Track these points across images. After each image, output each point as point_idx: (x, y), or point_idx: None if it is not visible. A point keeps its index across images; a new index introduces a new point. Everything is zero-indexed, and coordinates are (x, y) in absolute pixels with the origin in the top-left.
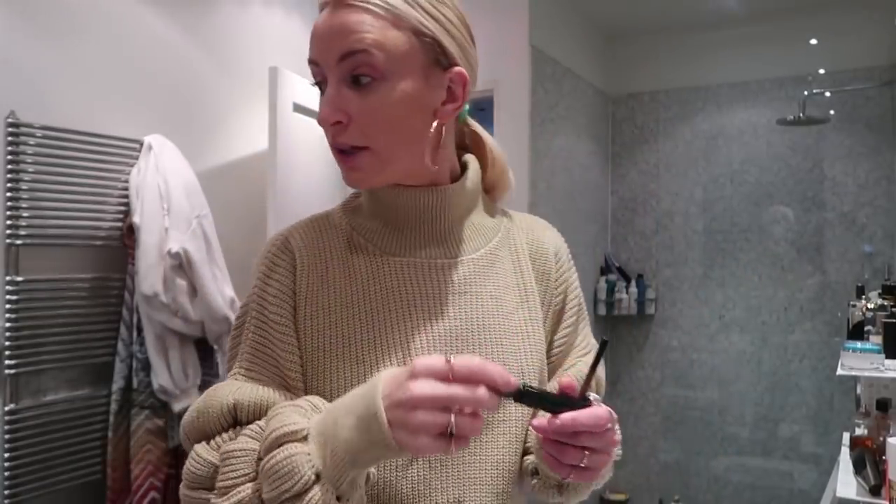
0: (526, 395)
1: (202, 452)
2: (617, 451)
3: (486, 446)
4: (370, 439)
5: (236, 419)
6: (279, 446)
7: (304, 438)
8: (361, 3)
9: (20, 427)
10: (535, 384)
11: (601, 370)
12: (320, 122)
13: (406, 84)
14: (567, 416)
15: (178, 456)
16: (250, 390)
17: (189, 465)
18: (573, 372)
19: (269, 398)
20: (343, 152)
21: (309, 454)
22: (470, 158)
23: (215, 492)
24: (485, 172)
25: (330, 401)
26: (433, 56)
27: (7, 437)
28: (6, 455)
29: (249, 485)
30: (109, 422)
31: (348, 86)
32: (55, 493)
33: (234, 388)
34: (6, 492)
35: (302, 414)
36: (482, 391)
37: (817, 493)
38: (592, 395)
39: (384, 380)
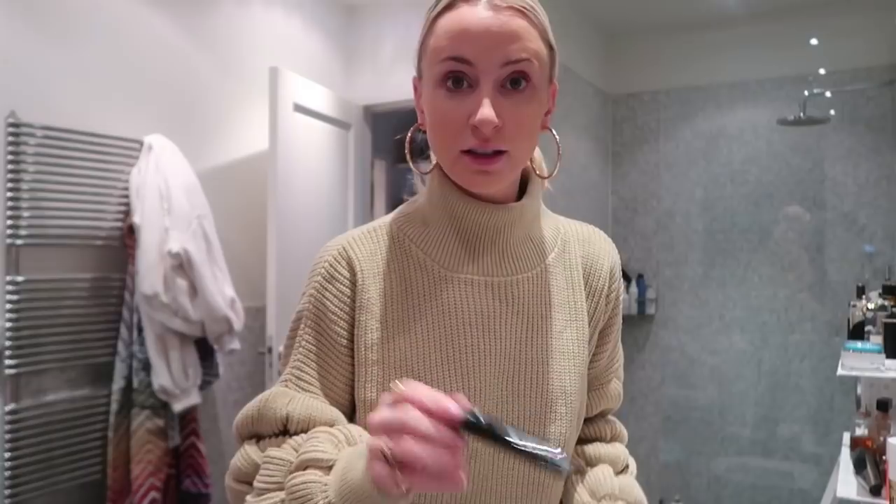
0: (472, 428)
1: (251, 452)
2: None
3: (515, 463)
4: (365, 476)
5: (286, 428)
6: (304, 469)
7: (328, 468)
8: (521, 7)
9: (21, 427)
10: (561, 409)
11: (620, 353)
12: (480, 124)
13: (543, 94)
14: None
15: (178, 456)
16: (302, 405)
17: (237, 460)
18: (611, 388)
19: (318, 414)
20: (480, 155)
21: (325, 485)
22: (528, 169)
23: (253, 491)
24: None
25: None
26: (551, 69)
27: (7, 437)
28: (6, 455)
29: (280, 493)
30: (110, 422)
31: (500, 91)
32: (55, 492)
33: (286, 401)
34: (6, 492)
35: (334, 444)
36: (409, 412)
37: (817, 493)
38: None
39: None
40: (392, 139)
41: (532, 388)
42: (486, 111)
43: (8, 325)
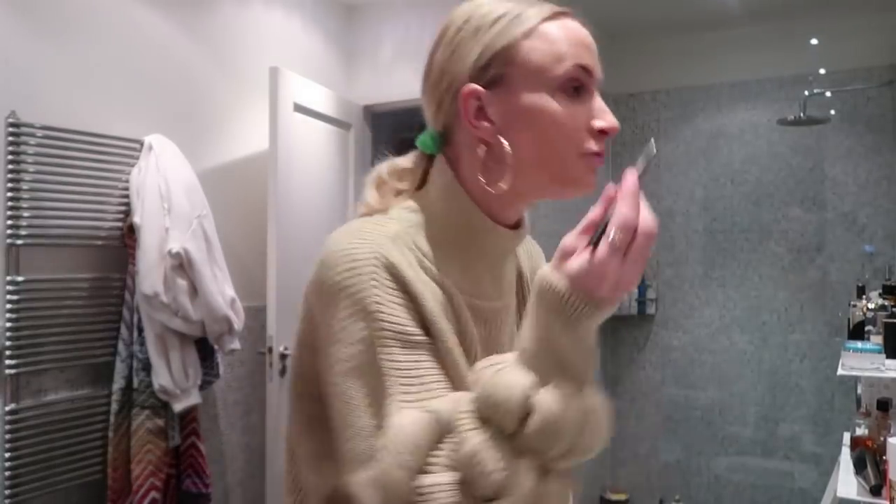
0: None
1: (439, 480)
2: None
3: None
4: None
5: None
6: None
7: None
8: None
9: (20, 427)
10: None
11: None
12: (612, 130)
13: None
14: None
15: (178, 456)
16: (437, 402)
17: (438, 497)
18: None
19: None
20: (598, 155)
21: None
22: None
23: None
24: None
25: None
26: None
27: (7, 437)
28: (6, 455)
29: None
30: (110, 422)
31: None
32: (55, 492)
33: (416, 410)
34: (6, 492)
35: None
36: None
37: (818, 492)
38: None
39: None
40: (392, 139)
41: None
42: (612, 117)
43: (8, 325)
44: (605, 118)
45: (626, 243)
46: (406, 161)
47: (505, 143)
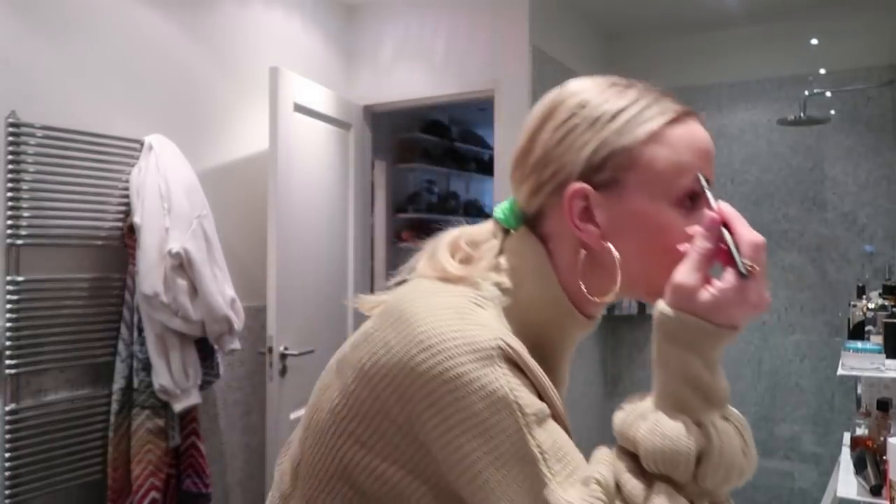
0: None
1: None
2: None
3: None
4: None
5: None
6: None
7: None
8: None
9: (20, 427)
10: None
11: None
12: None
13: None
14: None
15: (178, 456)
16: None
17: None
18: None
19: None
20: None
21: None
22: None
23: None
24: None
25: None
26: None
27: (7, 437)
28: (6, 455)
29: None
30: (110, 422)
31: None
32: (55, 492)
33: (585, 492)
34: (6, 492)
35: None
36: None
37: (818, 492)
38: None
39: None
40: (392, 139)
41: None
42: None
43: (8, 325)
44: None
45: (762, 263)
46: (482, 232)
47: (615, 251)
